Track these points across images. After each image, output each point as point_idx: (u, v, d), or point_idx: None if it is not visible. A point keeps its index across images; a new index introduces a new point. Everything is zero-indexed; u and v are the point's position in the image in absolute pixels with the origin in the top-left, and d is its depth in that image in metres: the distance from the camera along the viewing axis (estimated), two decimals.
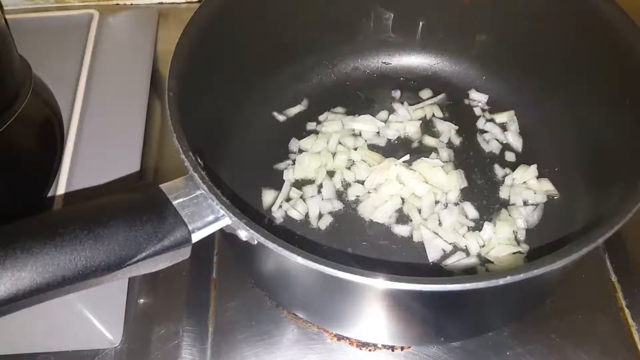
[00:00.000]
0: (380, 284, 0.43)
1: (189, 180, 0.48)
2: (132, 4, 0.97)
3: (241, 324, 0.62)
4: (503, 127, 0.76)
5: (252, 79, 0.74)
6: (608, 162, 0.62)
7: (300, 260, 0.43)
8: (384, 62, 0.83)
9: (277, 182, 0.71)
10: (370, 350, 0.61)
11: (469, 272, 0.63)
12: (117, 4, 0.97)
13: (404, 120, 0.76)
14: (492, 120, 0.77)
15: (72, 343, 0.61)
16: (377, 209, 0.68)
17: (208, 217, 0.47)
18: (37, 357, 0.60)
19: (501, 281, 0.42)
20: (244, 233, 0.47)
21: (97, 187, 0.70)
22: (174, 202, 0.47)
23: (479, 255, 0.64)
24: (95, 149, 0.74)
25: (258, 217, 0.68)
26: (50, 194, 0.70)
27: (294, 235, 0.67)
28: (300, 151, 0.74)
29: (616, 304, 0.64)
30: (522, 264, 0.44)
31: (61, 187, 0.69)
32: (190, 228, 0.46)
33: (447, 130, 0.76)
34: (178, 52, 0.58)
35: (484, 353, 0.60)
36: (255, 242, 0.46)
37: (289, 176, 0.72)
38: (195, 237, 0.47)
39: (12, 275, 0.40)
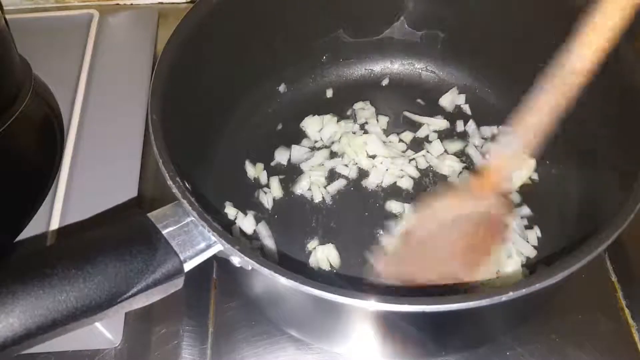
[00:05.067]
0: (375, 306, 0.41)
1: (178, 207, 0.47)
2: (132, 4, 0.97)
3: (241, 324, 0.62)
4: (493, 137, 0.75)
5: (235, 94, 0.73)
6: (602, 162, 0.62)
7: (303, 288, 0.42)
8: (368, 69, 0.82)
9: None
10: None
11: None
12: (117, 4, 0.97)
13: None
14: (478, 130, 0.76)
15: (72, 343, 0.60)
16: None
17: (199, 245, 0.45)
18: (37, 357, 0.60)
19: (504, 297, 0.41)
20: (237, 259, 0.45)
21: (96, 189, 0.70)
22: (164, 232, 0.45)
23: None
24: (96, 149, 0.74)
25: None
26: (50, 196, 0.70)
27: (281, 255, 0.66)
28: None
29: (616, 304, 0.63)
30: (524, 279, 0.44)
31: (60, 190, 0.69)
32: (181, 258, 0.45)
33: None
34: (159, 72, 0.56)
35: (483, 353, 0.60)
36: (249, 268, 0.44)
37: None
38: (188, 267, 0.45)
39: None
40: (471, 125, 0.76)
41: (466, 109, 0.78)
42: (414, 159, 0.73)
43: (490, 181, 0.55)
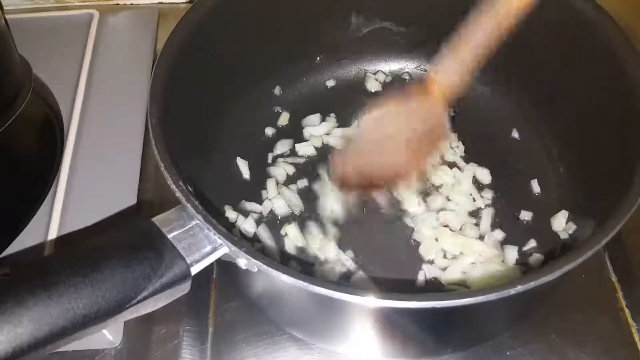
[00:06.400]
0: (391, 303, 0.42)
1: (182, 211, 0.46)
2: (132, 4, 0.97)
3: (241, 324, 0.62)
4: None
5: (232, 95, 0.73)
6: (602, 159, 0.62)
7: (314, 289, 0.42)
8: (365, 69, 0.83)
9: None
10: None
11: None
12: (117, 4, 0.97)
13: None
14: None
15: (72, 343, 0.60)
16: None
17: (205, 248, 0.45)
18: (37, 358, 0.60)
19: (512, 291, 0.42)
20: (244, 261, 0.45)
21: (96, 190, 0.70)
22: (169, 236, 0.45)
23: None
24: (96, 149, 0.74)
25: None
26: (49, 197, 0.70)
27: (283, 254, 0.66)
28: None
29: (616, 304, 0.63)
30: (530, 273, 0.45)
31: (60, 191, 0.69)
32: (188, 262, 0.44)
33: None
34: (157, 75, 0.55)
35: (484, 353, 0.60)
36: (256, 270, 0.44)
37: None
38: (194, 270, 0.45)
39: (8, 333, 0.38)
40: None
41: (454, 111, 0.78)
42: None
43: (433, 92, 0.58)
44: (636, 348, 0.61)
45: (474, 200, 0.69)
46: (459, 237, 0.66)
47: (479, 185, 0.71)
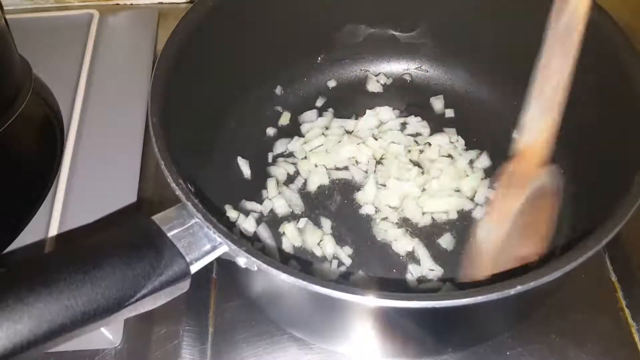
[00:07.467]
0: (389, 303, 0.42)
1: (182, 209, 0.47)
2: (132, 4, 0.97)
3: (241, 324, 0.62)
4: None
5: (233, 95, 0.73)
6: (600, 159, 0.62)
7: (315, 288, 0.42)
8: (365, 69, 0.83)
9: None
10: None
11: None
12: (117, 4, 0.97)
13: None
14: None
15: (72, 343, 0.60)
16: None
17: (205, 247, 0.46)
18: (36, 358, 0.60)
19: (512, 291, 0.42)
20: (243, 260, 0.45)
21: (96, 189, 0.70)
22: (169, 234, 0.45)
23: None
24: (96, 149, 0.74)
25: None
26: (49, 197, 0.70)
27: (283, 253, 0.67)
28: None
29: (616, 304, 0.64)
30: (532, 272, 0.45)
31: (60, 191, 0.69)
32: (188, 260, 0.44)
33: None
34: (158, 75, 0.56)
35: (484, 353, 0.60)
36: (255, 269, 0.44)
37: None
38: (194, 269, 0.45)
39: (7, 329, 0.38)
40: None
41: (455, 112, 0.78)
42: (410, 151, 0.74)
43: (530, 162, 0.56)
44: (636, 348, 0.61)
45: (467, 175, 0.72)
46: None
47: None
